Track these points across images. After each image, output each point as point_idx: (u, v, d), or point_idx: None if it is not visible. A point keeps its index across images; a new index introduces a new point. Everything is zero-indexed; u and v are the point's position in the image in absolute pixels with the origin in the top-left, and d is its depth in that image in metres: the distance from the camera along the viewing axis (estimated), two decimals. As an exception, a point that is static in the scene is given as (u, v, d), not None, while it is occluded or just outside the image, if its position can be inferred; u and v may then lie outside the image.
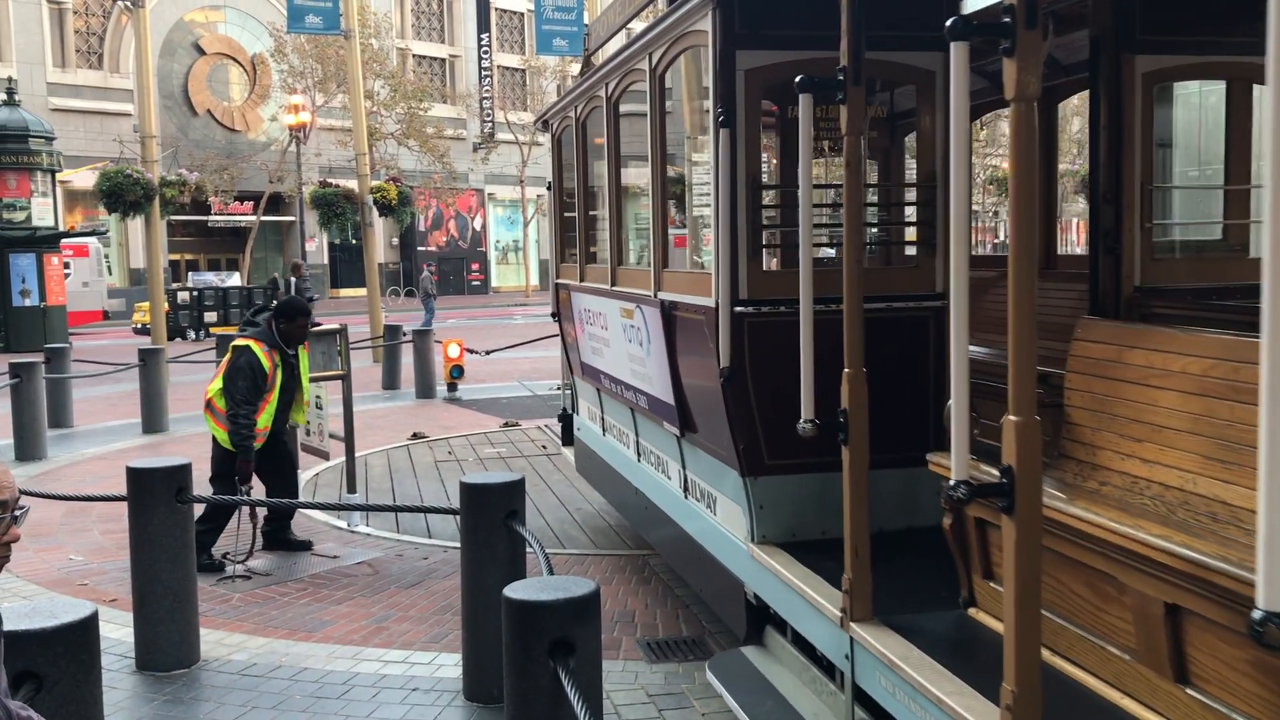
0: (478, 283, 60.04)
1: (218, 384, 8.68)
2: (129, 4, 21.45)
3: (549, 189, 9.85)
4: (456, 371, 18.74)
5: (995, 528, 4.23)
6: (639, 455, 7.64)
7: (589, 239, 8.51)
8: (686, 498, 6.57)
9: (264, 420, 8.68)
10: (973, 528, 4.43)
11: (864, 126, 4.38)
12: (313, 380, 9.38)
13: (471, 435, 14.81)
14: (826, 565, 5.10)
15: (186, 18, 51.34)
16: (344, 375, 9.77)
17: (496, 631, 3.99)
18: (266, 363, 8.63)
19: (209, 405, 8.75)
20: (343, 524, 9.90)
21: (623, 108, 7.46)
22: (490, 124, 57.57)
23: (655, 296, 6.43)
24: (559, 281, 9.49)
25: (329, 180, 30.44)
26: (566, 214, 9.38)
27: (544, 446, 13.81)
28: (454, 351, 18.76)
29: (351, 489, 10.16)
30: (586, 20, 35.21)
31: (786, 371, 5.44)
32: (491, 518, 5.44)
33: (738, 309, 5.39)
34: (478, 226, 60.46)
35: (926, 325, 5.63)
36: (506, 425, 15.44)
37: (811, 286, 4.50)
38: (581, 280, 8.47)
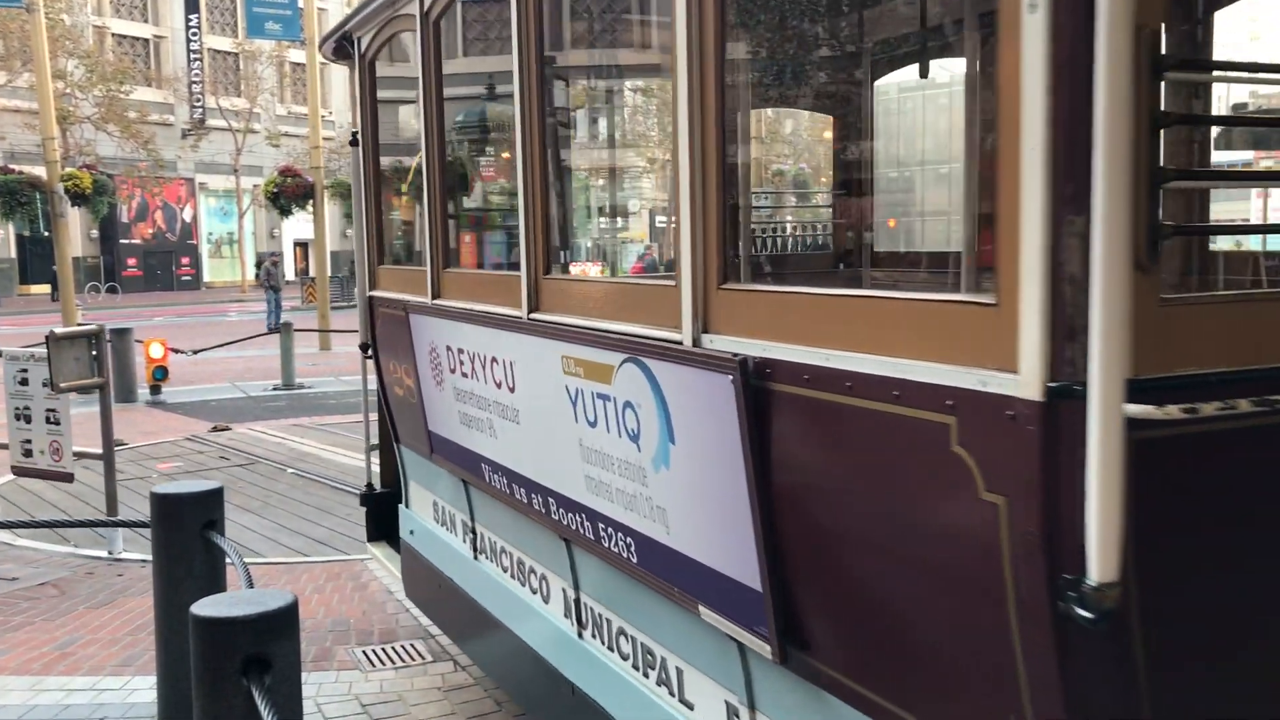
0: (188, 278, 53.09)
1: None
2: None
3: (353, 143, 5.83)
4: (160, 373, 16.67)
5: None
6: (579, 625, 3.83)
7: (443, 226, 4.61)
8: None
9: None
10: None
11: None
12: (67, 390, 8.19)
13: (164, 442, 13.16)
14: None
15: None
16: (103, 383, 8.46)
17: (195, 651, 3.53)
18: None
19: None
20: (102, 552, 8.31)
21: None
22: (200, 109, 51.04)
23: (699, 344, 2.72)
24: (377, 295, 5.53)
25: (11, 166, 25.14)
26: (397, 187, 5.47)
27: (222, 459, 12.12)
28: (157, 351, 16.65)
29: (113, 511, 8.57)
30: (301, 4, 30.72)
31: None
32: (186, 529, 4.53)
33: (1139, 412, 1.74)
34: (188, 218, 53.42)
35: None
36: (216, 429, 13.78)
37: None
38: (436, 297, 4.61)
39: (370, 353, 5.83)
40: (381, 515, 6.36)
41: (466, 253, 5.12)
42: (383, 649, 6.24)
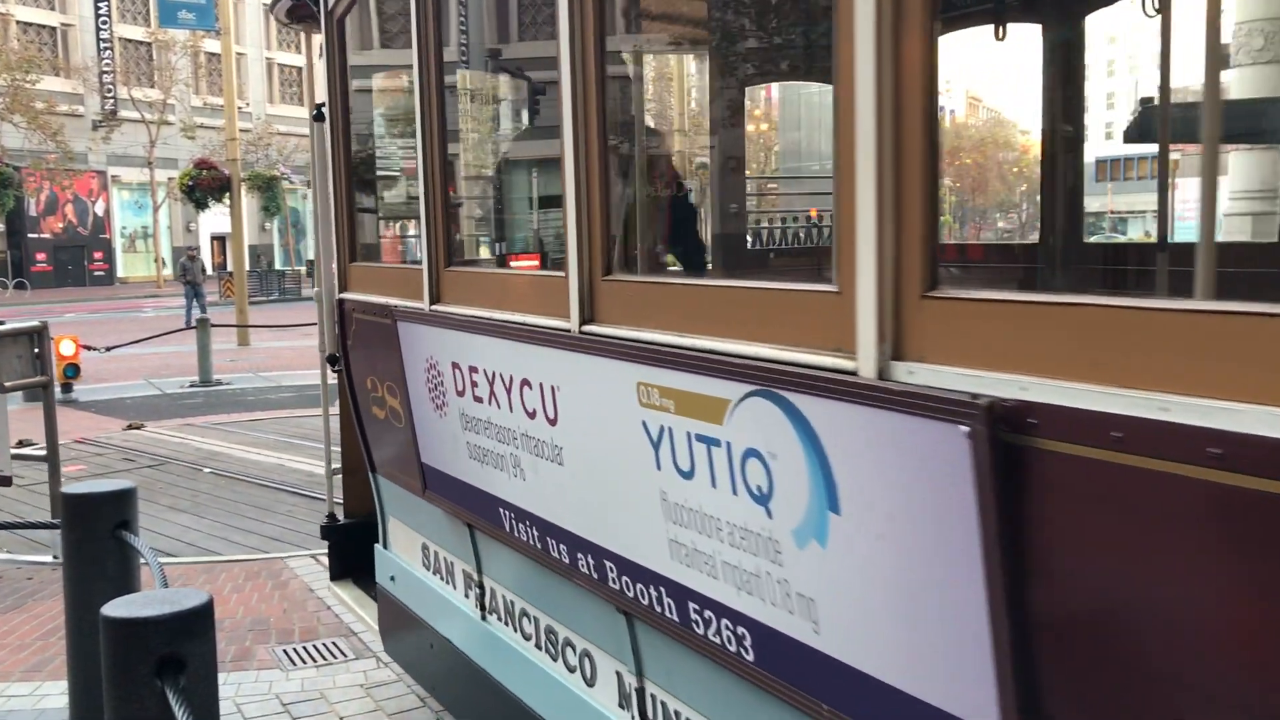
0: (102, 273, 50.74)
1: None
2: None
3: (317, 118, 4.83)
4: (71, 370, 15.90)
5: None
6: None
7: (444, 216, 3.65)
8: None
9: None
10: None
11: None
12: (11, 389, 7.96)
13: (76, 442, 12.37)
14: None
15: None
16: (46, 382, 8.14)
17: (107, 652, 3.39)
18: None
19: None
20: (45, 557, 7.84)
21: None
22: (112, 100, 48.62)
23: (888, 375, 1.84)
24: (351, 298, 4.55)
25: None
26: (376, 168, 4.50)
27: (126, 460, 11.36)
28: (68, 348, 15.79)
29: (56, 515, 8.38)
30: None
31: None
32: (98, 530, 4.26)
33: None
34: (100, 211, 50.99)
35: None
36: (130, 428, 13.14)
37: None
38: (436, 301, 3.67)
39: (339, 366, 4.85)
40: (346, 551, 5.40)
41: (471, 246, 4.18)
42: (304, 647, 6.04)
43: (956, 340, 1.77)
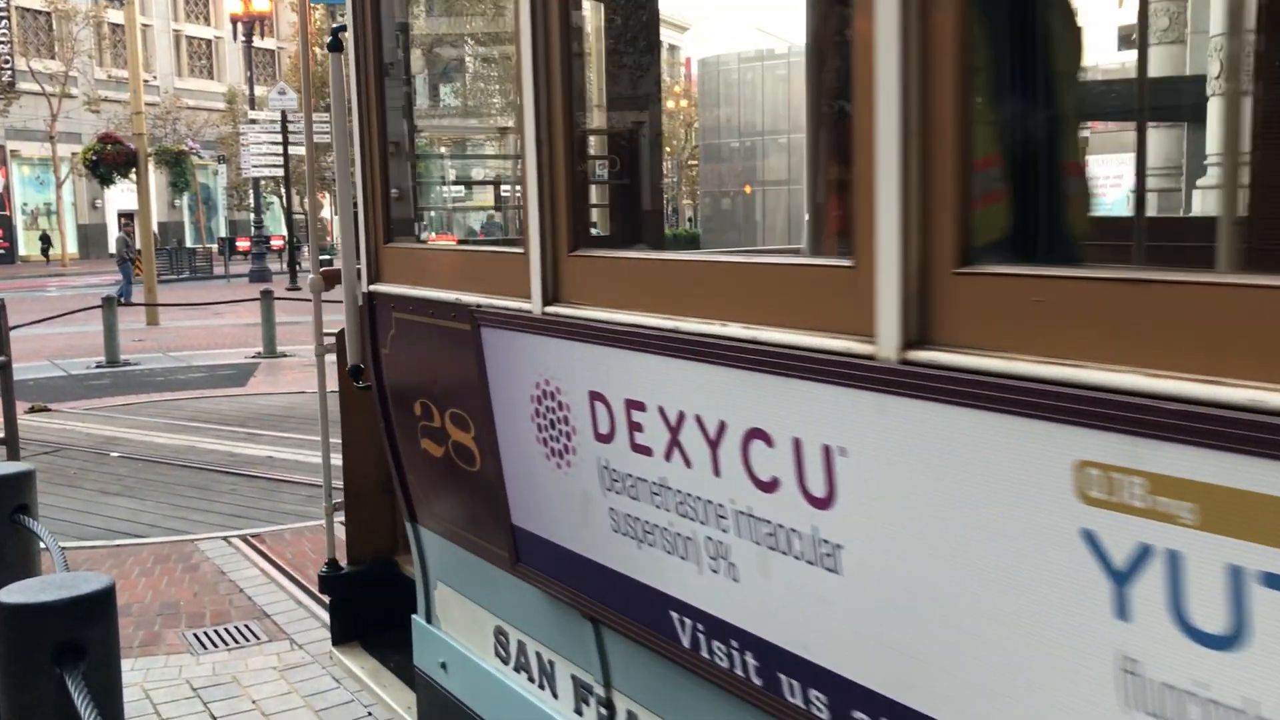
0: (2, 251, 48.41)
1: None
2: None
3: (333, 46, 3.85)
4: None
5: None
6: None
7: (569, 176, 2.63)
8: None
9: None
10: None
11: None
12: None
13: None
14: None
15: None
16: (6, 362, 7.61)
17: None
18: None
19: None
20: None
21: None
22: (10, 72, 46.10)
23: None
24: (388, 292, 3.53)
25: None
26: (433, 111, 3.69)
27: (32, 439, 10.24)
28: None
29: None
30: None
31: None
32: None
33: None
34: (-1, 188, 48.64)
35: None
36: (34, 410, 12.38)
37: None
38: (553, 300, 2.66)
39: (360, 377, 3.88)
40: (352, 607, 4.51)
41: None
42: (215, 631, 5.94)
43: None
